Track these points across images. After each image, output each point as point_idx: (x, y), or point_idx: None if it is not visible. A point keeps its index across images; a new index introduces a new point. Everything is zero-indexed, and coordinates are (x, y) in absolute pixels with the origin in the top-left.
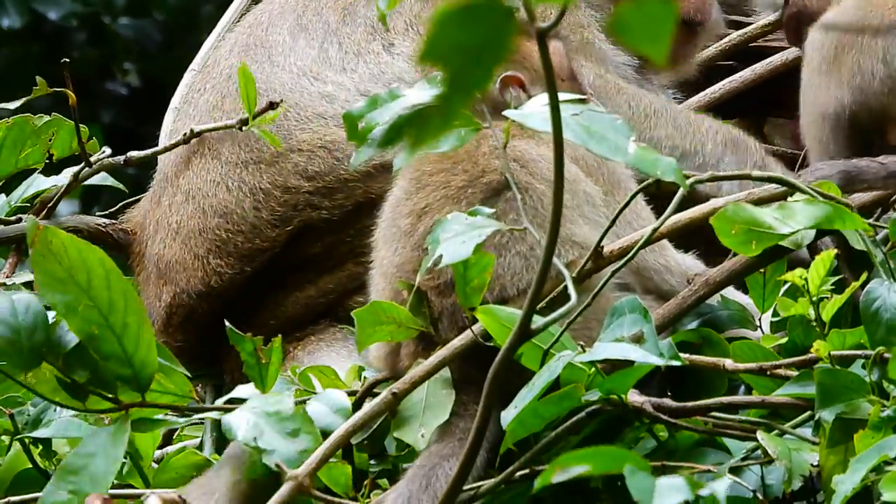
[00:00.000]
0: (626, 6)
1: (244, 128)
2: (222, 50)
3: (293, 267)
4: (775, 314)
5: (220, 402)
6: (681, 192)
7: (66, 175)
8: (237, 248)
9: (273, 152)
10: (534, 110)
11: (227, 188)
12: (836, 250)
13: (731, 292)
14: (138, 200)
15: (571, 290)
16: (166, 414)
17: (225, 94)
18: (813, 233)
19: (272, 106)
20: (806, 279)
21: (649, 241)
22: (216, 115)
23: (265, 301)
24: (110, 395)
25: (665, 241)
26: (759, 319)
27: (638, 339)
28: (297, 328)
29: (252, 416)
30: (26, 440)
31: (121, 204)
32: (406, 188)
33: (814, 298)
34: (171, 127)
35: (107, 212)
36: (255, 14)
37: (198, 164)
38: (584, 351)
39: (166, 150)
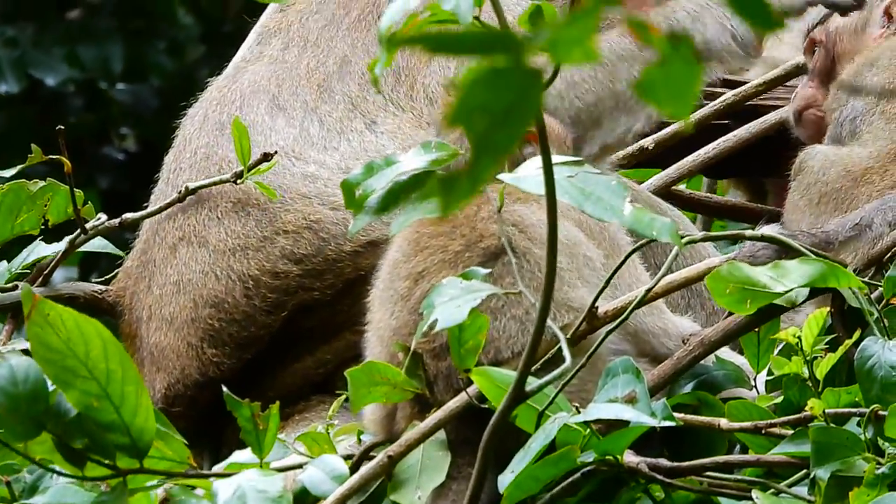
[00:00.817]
0: (652, 68)
1: (239, 181)
2: (190, 129)
3: (289, 341)
4: (770, 373)
5: (217, 468)
6: (675, 251)
7: (65, 242)
8: (232, 337)
9: (259, 237)
10: (528, 173)
11: (216, 277)
12: (829, 308)
13: (726, 352)
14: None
15: (566, 352)
16: (163, 479)
17: (204, 174)
18: (807, 291)
19: (266, 157)
20: (799, 338)
21: (644, 300)
22: (201, 195)
23: (262, 374)
24: (108, 462)
25: (662, 305)
26: (755, 379)
27: (632, 400)
28: (295, 399)
29: (241, 485)
30: None
31: (117, 270)
32: (404, 250)
33: (808, 357)
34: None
35: (104, 278)
36: (221, 90)
37: (185, 253)
38: (579, 412)
39: (161, 210)
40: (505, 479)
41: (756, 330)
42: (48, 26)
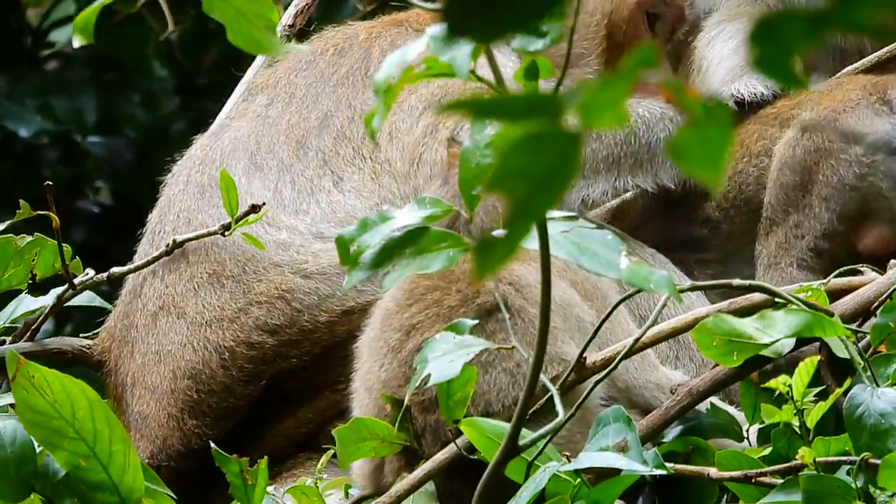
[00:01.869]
0: (685, 131)
1: (226, 233)
2: (174, 189)
3: (270, 405)
4: (760, 422)
5: None
6: (662, 301)
7: (51, 296)
8: (211, 408)
9: (234, 308)
10: None
11: (193, 349)
12: (819, 357)
13: (717, 402)
14: None
15: (558, 404)
16: None
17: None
18: (793, 341)
19: (255, 209)
20: (790, 386)
21: (632, 350)
22: (180, 259)
23: (245, 437)
24: None
25: (654, 359)
26: (747, 430)
27: (623, 449)
28: (282, 458)
29: None
30: None
31: (100, 324)
32: (398, 300)
33: (798, 405)
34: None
35: (85, 333)
36: (204, 148)
37: (164, 323)
38: (569, 461)
39: (149, 263)
40: None
41: (754, 381)
42: (21, 78)
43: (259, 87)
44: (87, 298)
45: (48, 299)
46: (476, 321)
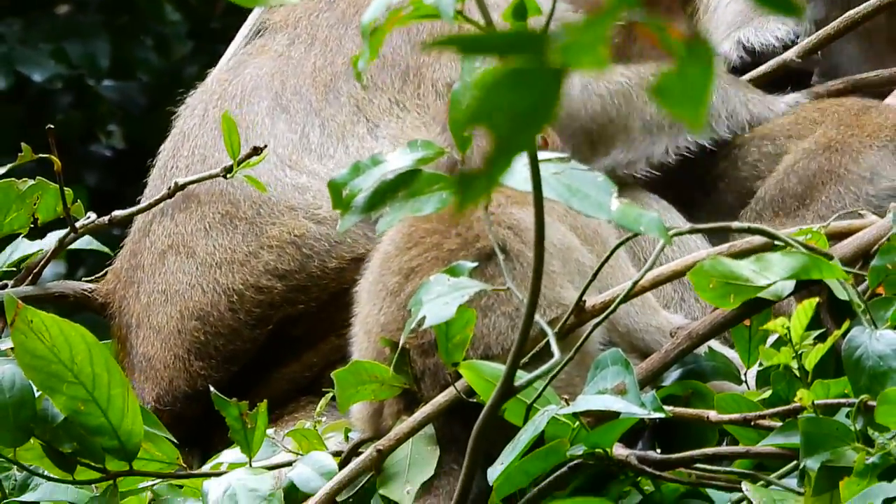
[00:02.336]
0: (667, 73)
1: (228, 175)
2: (190, 122)
3: (275, 350)
4: (760, 365)
5: (205, 468)
6: (661, 244)
7: (52, 239)
8: (218, 350)
9: (245, 251)
10: (515, 170)
11: (202, 290)
12: (817, 299)
13: (716, 345)
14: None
15: (554, 346)
16: (155, 481)
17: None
18: (793, 283)
19: (256, 151)
20: (788, 328)
21: (631, 293)
22: (191, 198)
23: (249, 381)
24: (98, 466)
25: (654, 303)
26: (745, 374)
27: (621, 392)
28: (284, 402)
29: (231, 485)
30: None
31: (107, 268)
32: (397, 243)
33: (796, 348)
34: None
35: (92, 276)
36: (222, 83)
37: (173, 262)
38: (568, 405)
39: (150, 206)
40: (494, 472)
41: (747, 324)
42: (35, 23)
43: (277, 26)
44: (88, 243)
45: (48, 242)
46: (475, 264)
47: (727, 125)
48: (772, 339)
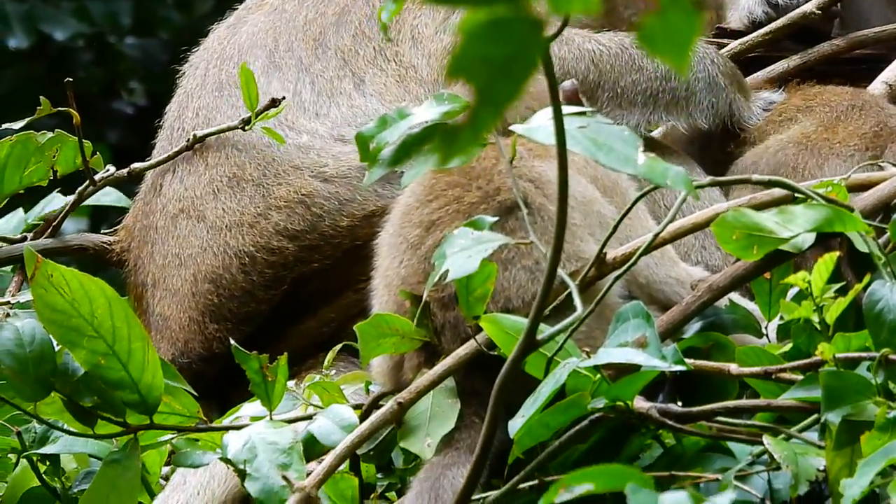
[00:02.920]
0: (652, 18)
1: (246, 127)
2: (192, 83)
3: (291, 307)
4: (780, 319)
5: (226, 421)
6: (683, 196)
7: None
8: (232, 312)
9: (254, 212)
10: (539, 123)
11: (213, 253)
12: (838, 252)
13: (737, 298)
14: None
15: (577, 299)
16: (175, 434)
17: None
18: (814, 235)
19: (274, 103)
20: (809, 282)
21: (652, 245)
22: (199, 161)
23: (267, 338)
24: (118, 420)
25: (674, 255)
26: (766, 327)
27: (642, 344)
28: (303, 358)
29: (251, 438)
30: (33, 457)
31: (121, 225)
32: (418, 196)
33: (817, 301)
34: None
35: (112, 229)
36: (221, 42)
37: (185, 226)
38: (589, 357)
39: (169, 158)
40: (515, 424)
41: (768, 277)
42: None
43: None
44: (114, 198)
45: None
46: (496, 218)
47: (705, 115)
48: (792, 292)
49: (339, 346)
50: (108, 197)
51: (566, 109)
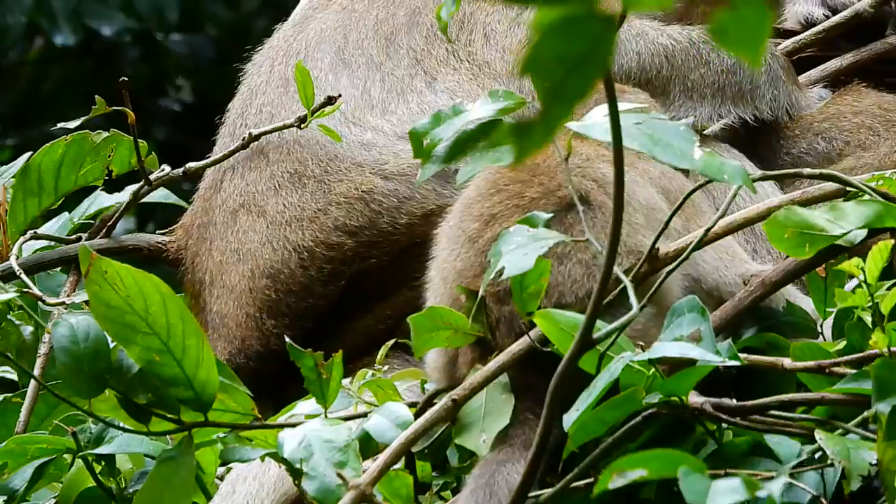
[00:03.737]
0: (724, 13)
1: (303, 125)
2: (257, 80)
3: (348, 304)
4: (831, 300)
5: (281, 419)
6: (734, 189)
7: (127, 193)
8: (290, 308)
9: (314, 208)
10: (595, 120)
11: (272, 248)
12: (892, 241)
13: (793, 294)
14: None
15: (632, 295)
16: (228, 432)
17: (268, 136)
18: (865, 231)
19: (330, 101)
20: (863, 269)
21: (704, 240)
22: (260, 157)
23: (323, 335)
24: (173, 417)
25: (735, 249)
26: (821, 325)
27: (697, 339)
28: (358, 357)
29: (307, 436)
30: (89, 457)
31: (178, 223)
32: (480, 189)
33: (871, 290)
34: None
35: (163, 230)
36: (287, 39)
37: (244, 221)
38: (644, 352)
39: (225, 157)
40: (570, 418)
41: (823, 275)
42: None
43: None
44: (163, 195)
45: (124, 195)
46: (554, 213)
47: (770, 106)
48: (848, 286)
49: (391, 342)
50: (157, 194)
51: (622, 106)
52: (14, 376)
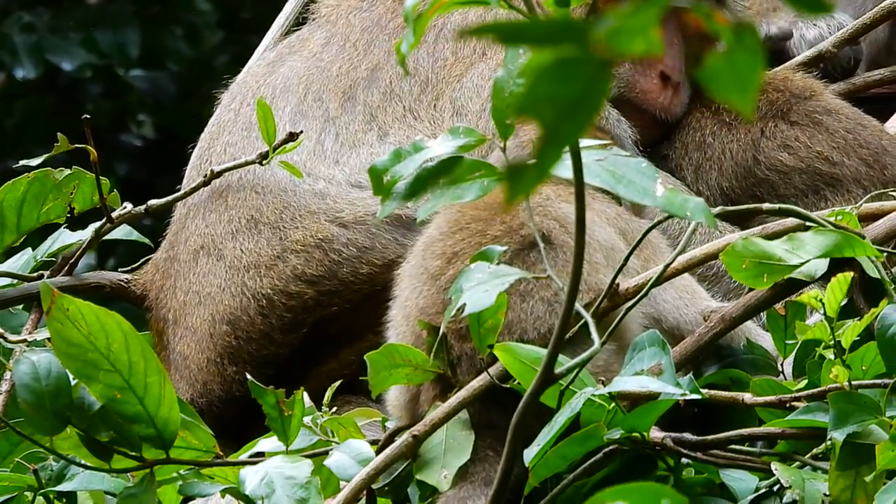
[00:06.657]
0: (716, 57)
1: (264, 162)
2: (225, 117)
3: (311, 349)
4: (791, 338)
5: (242, 456)
6: (692, 226)
7: (89, 230)
8: (251, 355)
9: (270, 255)
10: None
11: (231, 294)
12: (852, 273)
13: (753, 331)
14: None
15: (593, 331)
16: (190, 469)
17: (230, 176)
18: (826, 263)
19: (292, 137)
20: (822, 301)
21: (663, 276)
22: (220, 200)
23: (286, 379)
24: (135, 454)
25: (696, 288)
26: (781, 364)
27: (657, 373)
28: (322, 401)
29: (268, 473)
30: (50, 495)
31: (142, 260)
32: (442, 228)
33: (832, 324)
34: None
35: (126, 268)
36: (257, 80)
37: (204, 263)
38: (605, 387)
39: (187, 194)
40: (531, 453)
41: (783, 313)
42: (65, 11)
43: (322, 20)
44: (124, 232)
45: (86, 233)
46: (517, 252)
47: None
48: (810, 320)
49: (337, 384)
50: (119, 231)
51: (583, 143)
52: None
